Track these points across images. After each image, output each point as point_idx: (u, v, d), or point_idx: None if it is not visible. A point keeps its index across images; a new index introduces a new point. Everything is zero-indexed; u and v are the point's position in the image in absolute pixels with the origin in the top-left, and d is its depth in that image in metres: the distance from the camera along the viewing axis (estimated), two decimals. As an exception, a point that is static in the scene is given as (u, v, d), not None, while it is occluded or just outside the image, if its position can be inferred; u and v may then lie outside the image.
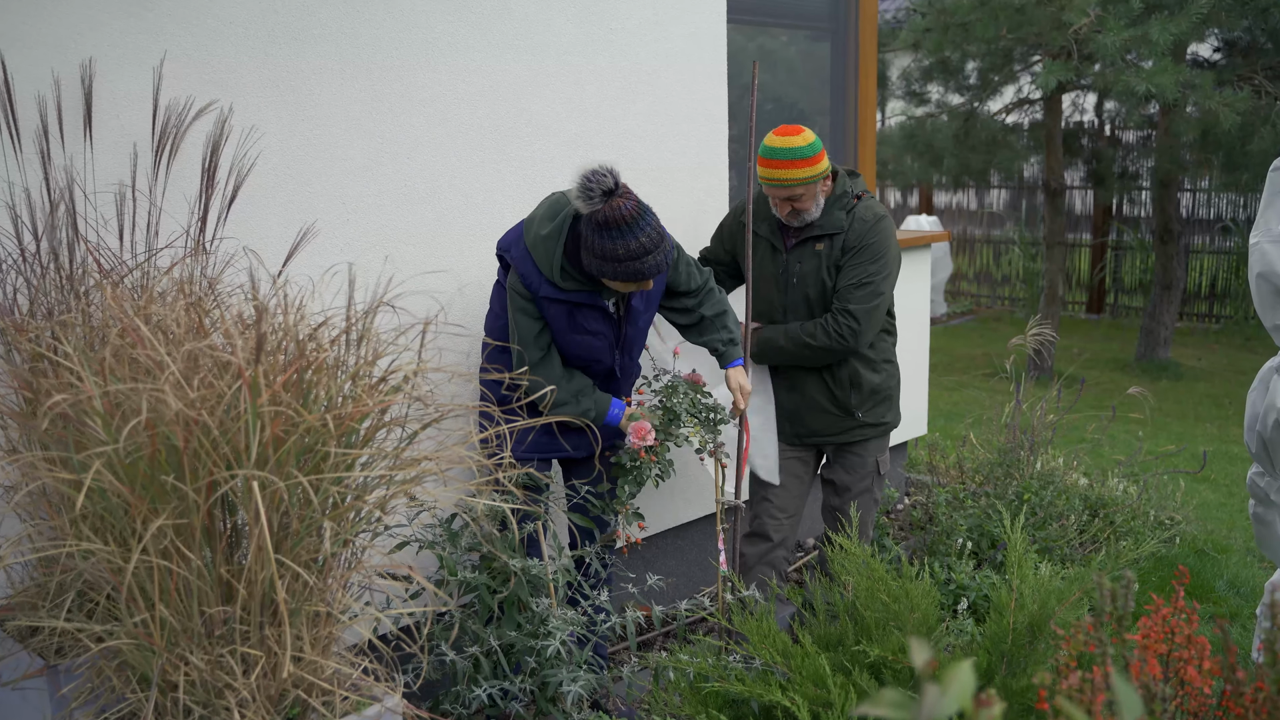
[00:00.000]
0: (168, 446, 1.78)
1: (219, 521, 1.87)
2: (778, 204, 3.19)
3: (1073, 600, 2.49)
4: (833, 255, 3.24)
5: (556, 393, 2.74)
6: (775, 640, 2.57)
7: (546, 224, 2.69)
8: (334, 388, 1.86)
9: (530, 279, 2.71)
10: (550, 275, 2.69)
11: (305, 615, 1.86)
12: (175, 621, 1.83)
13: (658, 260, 2.64)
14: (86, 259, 2.34)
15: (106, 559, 1.80)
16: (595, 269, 2.65)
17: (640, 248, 2.60)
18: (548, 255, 2.68)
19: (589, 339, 2.83)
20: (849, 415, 3.36)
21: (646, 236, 2.60)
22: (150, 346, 1.80)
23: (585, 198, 2.57)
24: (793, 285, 3.28)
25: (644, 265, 2.62)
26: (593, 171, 2.57)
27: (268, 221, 2.71)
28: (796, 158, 3.06)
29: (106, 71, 2.43)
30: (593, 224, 2.60)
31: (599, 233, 2.59)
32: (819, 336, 3.22)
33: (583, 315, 2.80)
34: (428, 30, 2.98)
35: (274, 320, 1.91)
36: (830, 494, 3.50)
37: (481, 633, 2.23)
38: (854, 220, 3.23)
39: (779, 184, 3.11)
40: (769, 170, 3.10)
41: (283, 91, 2.72)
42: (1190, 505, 4.95)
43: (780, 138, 3.10)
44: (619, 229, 2.57)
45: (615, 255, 2.59)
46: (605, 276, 2.65)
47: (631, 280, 2.65)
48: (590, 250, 2.63)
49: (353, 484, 1.86)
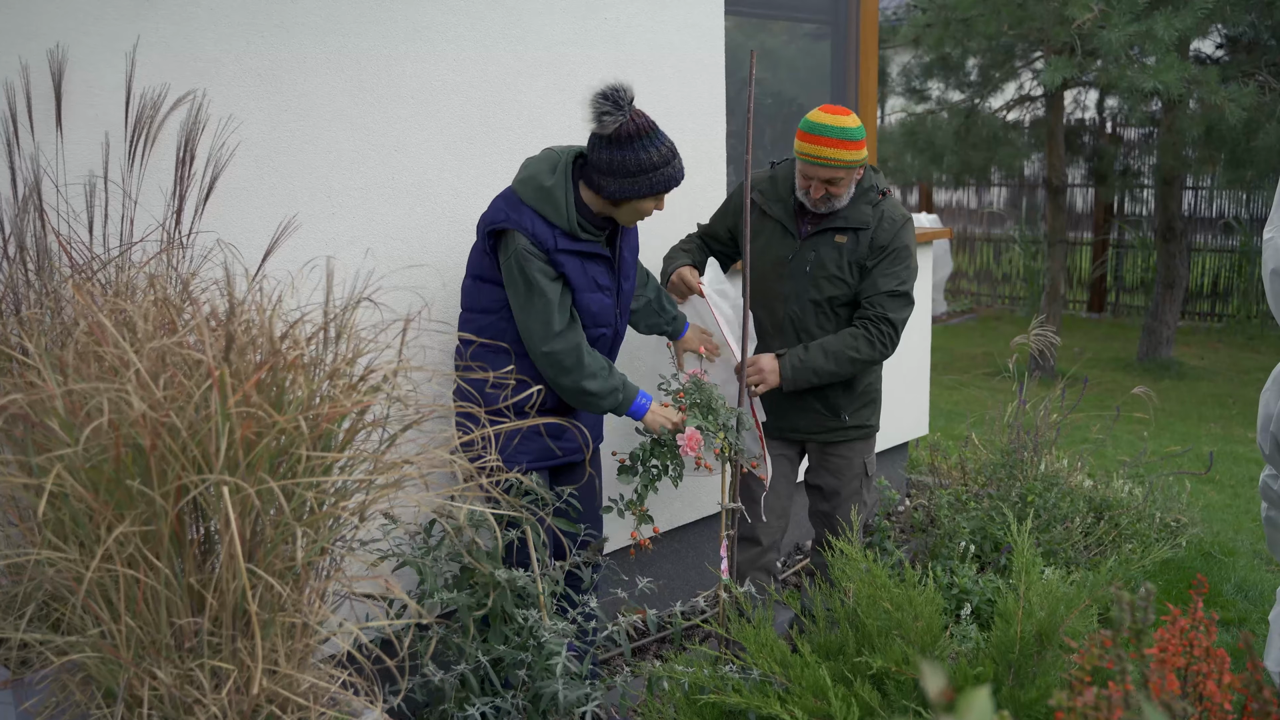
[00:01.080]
0: (133, 449, 1.69)
1: (189, 528, 1.78)
2: (812, 185, 3.02)
3: (1082, 608, 2.41)
4: (857, 252, 3.09)
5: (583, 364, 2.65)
6: (774, 649, 2.48)
7: (548, 176, 2.63)
8: (310, 387, 1.77)
9: (542, 236, 2.61)
10: (569, 225, 2.62)
11: (280, 627, 1.77)
12: (142, 633, 1.74)
13: (681, 165, 2.69)
14: (58, 253, 2.25)
15: (69, 567, 1.71)
16: (627, 190, 2.61)
17: (670, 151, 2.64)
18: (559, 204, 2.62)
19: (601, 296, 2.76)
20: (835, 416, 3.25)
21: (668, 142, 2.65)
22: (115, 344, 1.71)
23: (612, 109, 2.53)
24: (804, 274, 3.13)
25: (674, 169, 2.65)
26: (610, 86, 2.55)
27: (249, 215, 2.62)
28: (846, 138, 2.93)
29: (79, 58, 2.34)
30: (619, 140, 2.57)
31: (628, 147, 2.57)
32: (864, 350, 3.07)
33: (593, 269, 2.72)
34: (416, 18, 2.88)
35: (246, 316, 1.82)
36: (818, 499, 3.38)
37: (467, 647, 2.13)
38: (882, 218, 3.08)
39: (824, 162, 2.95)
40: (815, 146, 2.94)
41: (265, 81, 2.62)
42: (1196, 507, 4.86)
43: (830, 115, 2.95)
44: (648, 136, 2.59)
45: (651, 163, 2.59)
46: (638, 194, 2.62)
47: (665, 189, 2.65)
48: (620, 171, 2.59)
49: (330, 489, 1.77)
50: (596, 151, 2.61)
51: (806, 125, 2.97)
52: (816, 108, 3.00)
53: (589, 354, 2.68)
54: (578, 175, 2.69)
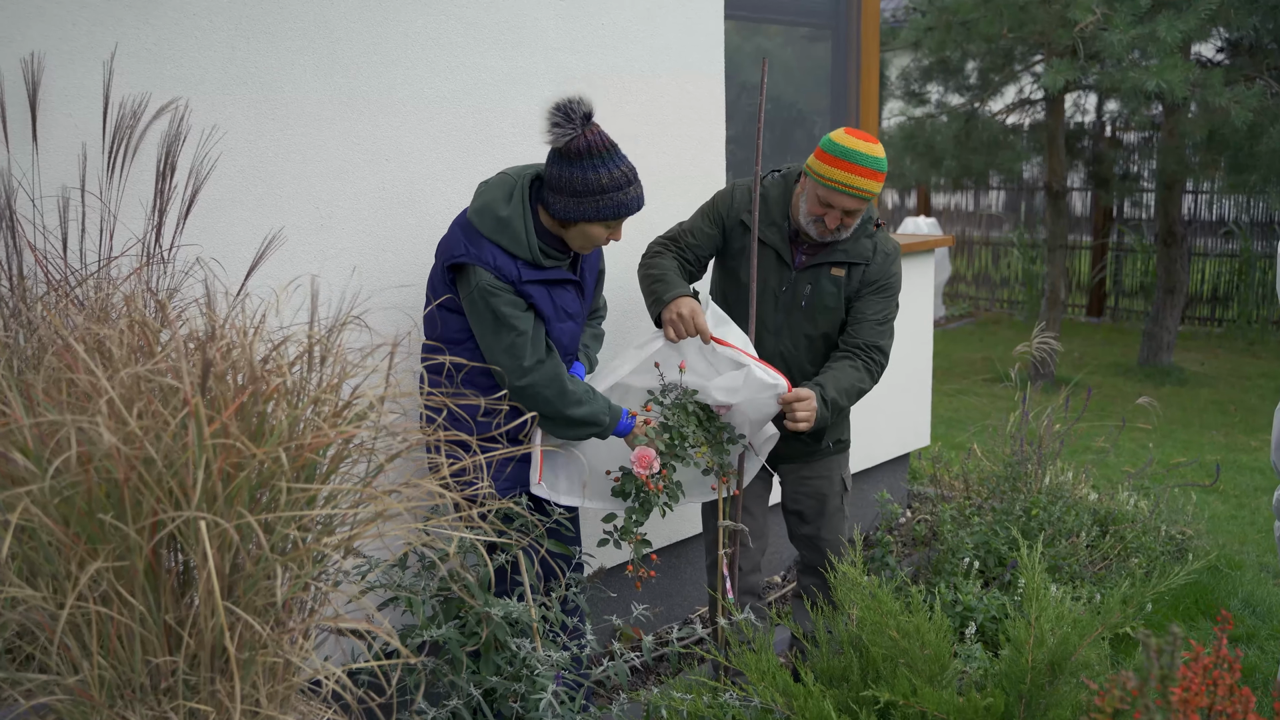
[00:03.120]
0: (107, 481, 1.61)
1: (166, 562, 1.70)
2: (829, 214, 2.77)
3: (1095, 636, 2.33)
4: (851, 285, 2.92)
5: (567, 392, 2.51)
6: (775, 677, 2.40)
7: (504, 205, 2.48)
8: (292, 414, 1.69)
9: (505, 269, 2.47)
10: (531, 255, 2.48)
11: (260, 666, 1.69)
12: (115, 673, 1.65)
13: (639, 193, 2.49)
14: (34, 269, 2.17)
15: (39, 605, 1.62)
16: (573, 211, 2.45)
17: (623, 176, 2.45)
18: (518, 234, 2.47)
19: (571, 324, 2.63)
20: (815, 440, 3.06)
21: (627, 166, 2.47)
22: (87, 370, 1.63)
23: (563, 123, 2.37)
24: (799, 308, 2.93)
25: (627, 196, 2.46)
26: (569, 97, 2.38)
27: (233, 228, 2.53)
28: (879, 169, 2.73)
29: (56, 66, 2.25)
30: (570, 156, 2.41)
31: (577, 164, 2.41)
32: (867, 382, 2.92)
33: (560, 296, 2.59)
34: (407, 24, 2.80)
35: (227, 339, 1.73)
36: (798, 523, 3.20)
37: (458, 681, 2.05)
38: (876, 251, 2.93)
39: (857, 193, 2.72)
40: (850, 175, 2.70)
41: (250, 88, 2.54)
42: (1202, 519, 4.79)
43: (863, 142, 2.72)
44: (600, 155, 2.41)
45: (599, 185, 2.41)
46: (585, 217, 2.45)
47: (615, 216, 2.47)
48: (567, 189, 2.43)
49: (313, 522, 1.69)
50: (549, 166, 2.48)
51: (837, 150, 2.72)
52: (841, 129, 2.78)
53: (570, 380, 2.56)
54: (535, 198, 2.55)
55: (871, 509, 4.68)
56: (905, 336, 4.64)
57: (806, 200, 2.82)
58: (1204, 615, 4.00)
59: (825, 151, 2.74)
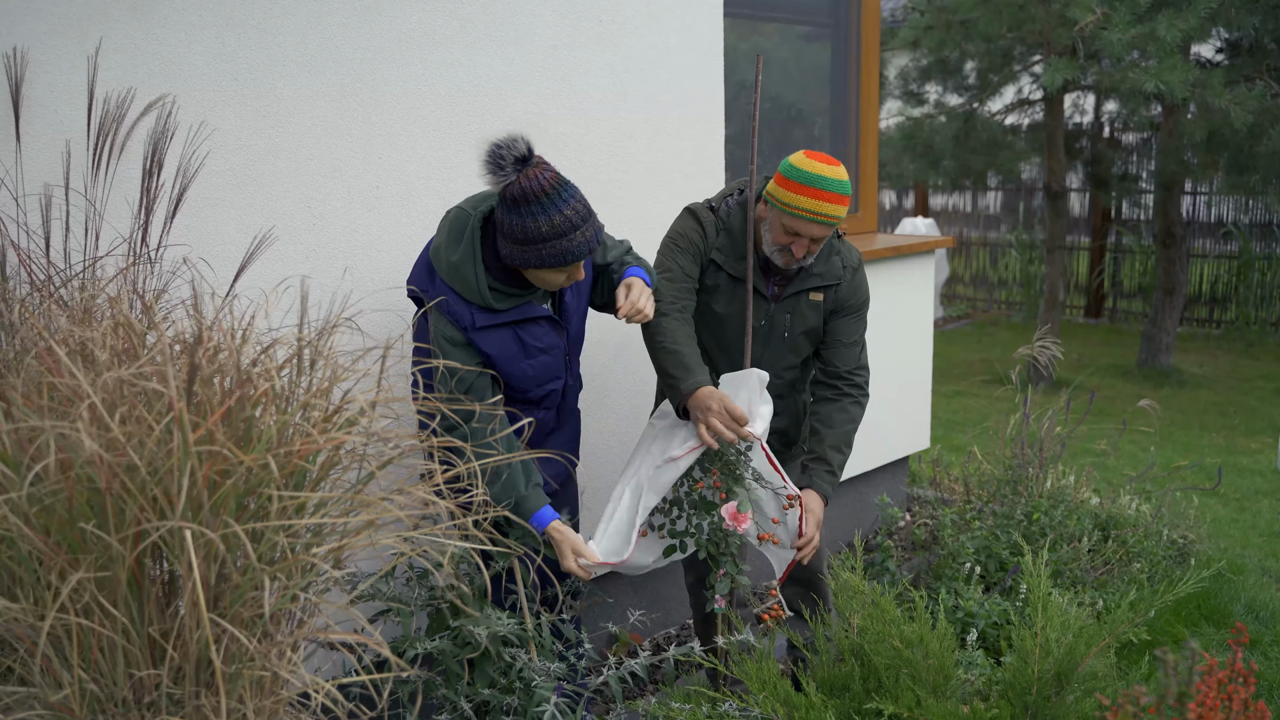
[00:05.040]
0: (89, 489, 1.56)
1: (150, 572, 1.64)
2: (796, 242, 2.60)
3: (1101, 647, 2.28)
4: (826, 307, 2.81)
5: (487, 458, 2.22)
6: (777, 687, 2.35)
7: (455, 248, 2.31)
8: (281, 421, 1.64)
9: (458, 314, 2.32)
10: (481, 300, 2.31)
11: (247, 680, 1.64)
12: (98, 687, 1.60)
13: (587, 236, 2.27)
14: (17, 268, 2.11)
15: (18, 617, 1.57)
16: (517, 259, 2.26)
17: (565, 221, 2.22)
18: (468, 279, 2.30)
19: (542, 359, 2.46)
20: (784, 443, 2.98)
21: (571, 209, 2.23)
22: (68, 373, 1.57)
23: (494, 170, 2.20)
24: (780, 340, 2.80)
25: (571, 243, 2.24)
26: (500, 140, 2.19)
27: (222, 227, 2.48)
28: (845, 193, 2.56)
29: (40, 61, 2.19)
30: (506, 202, 2.22)
31: (515, 211, 2.21)
32: (858, 416, 2.84)
33: (529, 333, 2.42)
34: (401, 20, 2.75)
35: (214, 342, 1.68)
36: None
37: (451, 695, 2.00)
38: (845, 268, 2.81)
39: (826, 220, 2.55)
40: (818, 202, 2.53)
41: (240, 84, 2.48)
42: (1204, 523, 4.75)
43: (828, 166, 2.55)
44: (538, 202, 2.20)
45: (538, 234, 2.21)
46: (530, 265, 2.27)
47: (560, 264, 2.27)
48: (509, 235, 2.24)
49: (302, 531, 1.64)
50: (496, 207, 2.30)
51: (802, 176, 2.54)
52: (799, 153, 2.60)
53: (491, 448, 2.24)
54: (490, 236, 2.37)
55: (871, 512, 4.64)
56: (905, 338, 4.60)
57: (770, 229, 2.66)
58: (1207, 621, 3.95)
59: (788, 178, 2.57)
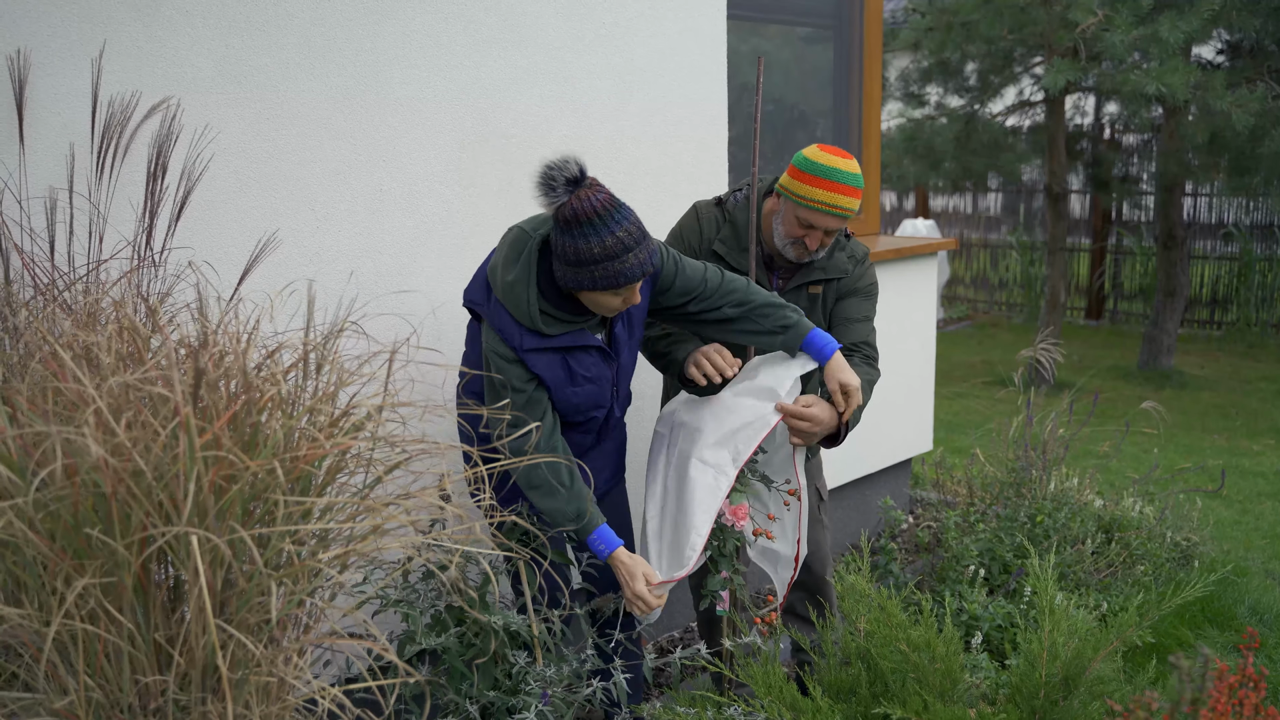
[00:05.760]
0: (94, 494, 1.55)
1: (156, 578, 1.63)
2: (810, 235, 2.63)
3: (1110, 650, 2.27)
4: (827, 299, 2.83)
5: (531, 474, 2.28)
6: (783, 691, 2.34)
7: (511, 268, 2.29)
8: (287, 426, 1.63)
9: (509, 333, 2.30)
10: (531, 323, 2.30)
11: (254, 686, 1.63)
12: (103, 693, 1.59)
13: (641, 258, 2.22)
14: (21, 272, 2.11)
15: (23, 623, 1.56)
16: (570, 280, 2.25)
17: (618, 243, 2.18)
18: (520, 301, 2.28)
19: (588, 388, 2.43)
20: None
21: (624, 231, 2.20)
22: (74, 378, 1.57)
23: (546, 192, 2.18)
24: None
25: (624, 264, 2.20)
26: (553, 162, 2.18)
27: (226, 230, 2.47)
28: (859, 186, 2.59)
29: (44, 63, 2.19)
30: (559, 223, 2.21)
31: (567, 232, 2.19)
32: (875, 372, 2.81)
33: (578, 361, 2.39)
34: (405, 22, 2.74)
35: (220, 346, 1.67)
36: None
37: (456, 697, 1.99)
38: (850, 261, 2.83)
39: (841, 212, 2.58)
40: (834, 195, 2.56)
41: (244, 87, 2.48)
42: (1207, 525, 4.74)
43: (843, 159, 2.57)
44: (590, 223, 2.17)
45: (590, 256, 2.18)
46: (583, 287, 2.24)
47: (612, 286, 2.23)
48: (561, 257, 2.23)
49: (308, 536, 1.63)
50: (552, 228, 2.28)
51: (817, 169, 2.57)
52: (813, 146, 2.63)
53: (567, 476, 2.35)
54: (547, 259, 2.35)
55: (874, 515, 4.63)
56: (908, 339, 4.59)
57: (783, 222, 2.68)
58: (1211, 623, 3.94)
59: (803, 171, 2.59)
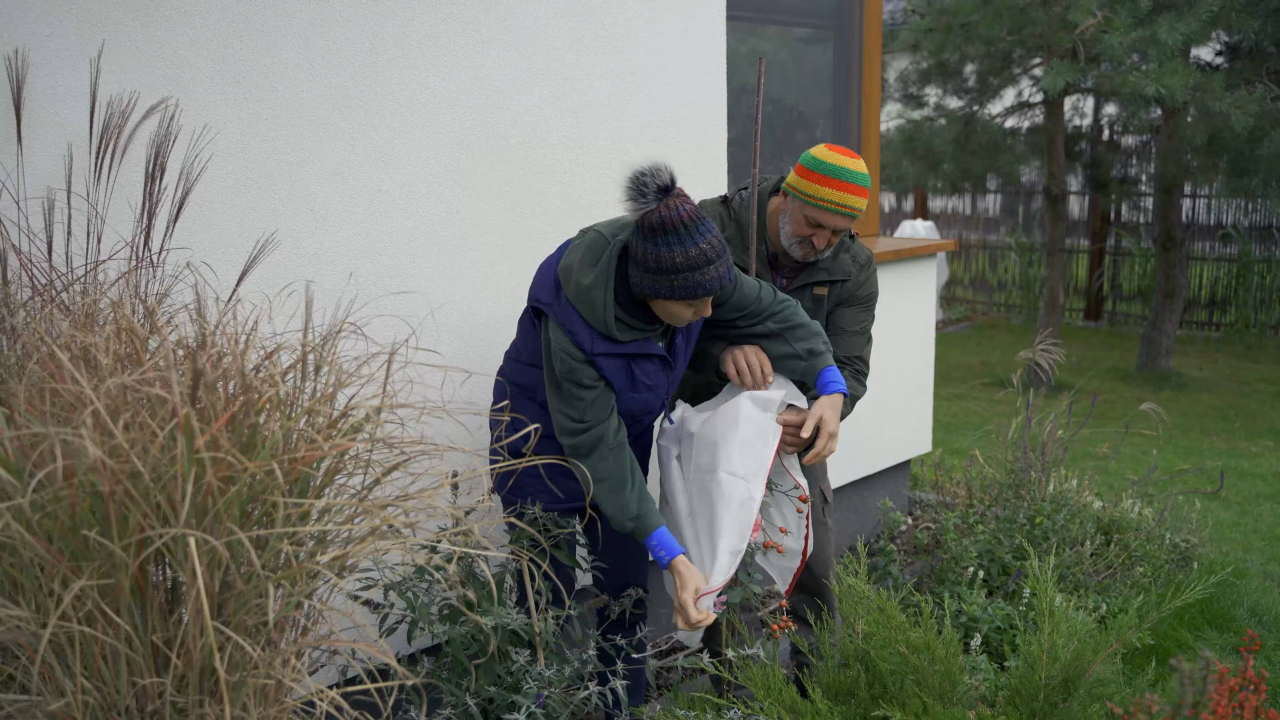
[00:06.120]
0: (92, 496, 1.54)
1: (153, 580, 1.63)
2: (817, 234, 2.64)
3: (1110, 652, 2.27)
4: (830, 301, 2.84)
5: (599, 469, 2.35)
6: (782, 694, 2.34)
7: (588, 271, 2.30)
8: (286, 427, 1.62)
9: (580, 337, 2.32)
10: (606, 329, 2.31)
11: (251, 689, 1.62)
12: (100, 696, 1.59)
13: (720, 272, 2.27)
14: (19, 273, 2.10)
15: (20, 625, 1.56)
16: (648, 288, 2.28)
17: (700, 255, 2.22)
18: (595, 305, 2.30)
19: (647, 395, 2.46)
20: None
21: (707, 243, 2.24)
22: (71, 379, 1.56)
23: (637, 197, 2.21)
24: None
25: (704, 276, 2.24)
26: (644, 168, 2.22)
27: (225, 231, 2.47)
28: (866, 185, 2.60)
29: (42, 63, 2.18)
30: (645, 230, 2.24)
31: (651, 239, 2.23)
32: (860, 388, 2.86)
33: (640, 369, 2.42)
34: (405, 23, 2.74)
35: (218, 347, 1.67)
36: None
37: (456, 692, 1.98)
38: (855, 264, 2.84)
39: (850, 211, 2.59)
40: (843, 194, 2.57)
41: (243, 88, 2.47)
42: (1206, 527, 4.74)
43: (850, 159, 2.59)
44: (675, 233, 2.21)
45: (672, 265, 2.22)
46: (660, 295, 2.28)
47: (689, 297, 2.27)
48: (642, 264, 2.26)
49: (306, 537, 1.62)
50: (633, 235, 2.30)
51: (825, 168, 2.58)
52: (821, 146, 2.65)
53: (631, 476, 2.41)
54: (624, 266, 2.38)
55: (873, 516, 4.63)
56: (907, 341, 4.59)
57: (790, 221, 2.68)
58: (1210, 625, 3.94)
59: (812, 170, 2.60)
